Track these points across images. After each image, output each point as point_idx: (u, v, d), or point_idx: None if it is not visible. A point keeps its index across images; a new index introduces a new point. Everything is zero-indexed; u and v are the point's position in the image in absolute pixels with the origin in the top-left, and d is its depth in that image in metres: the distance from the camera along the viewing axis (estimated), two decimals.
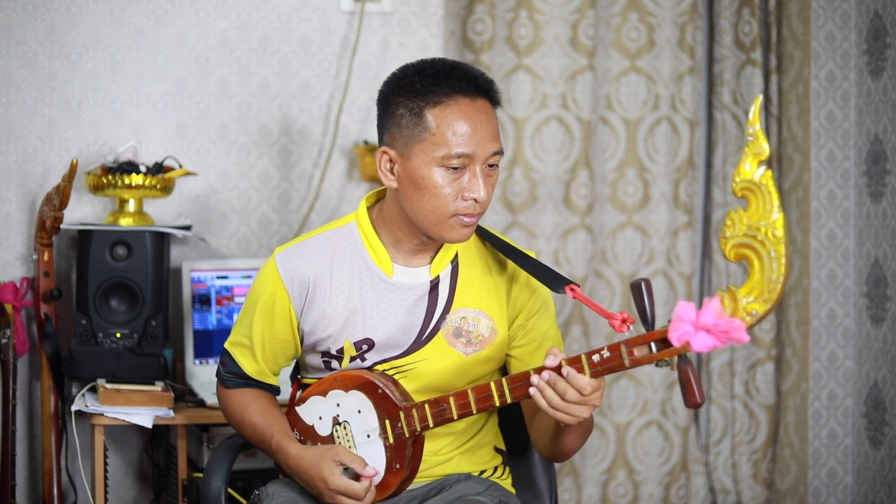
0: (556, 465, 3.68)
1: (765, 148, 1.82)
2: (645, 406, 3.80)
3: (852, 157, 3.66)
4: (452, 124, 2.10)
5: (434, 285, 2.24)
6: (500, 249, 2.28)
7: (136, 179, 3.17)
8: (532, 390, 2.01)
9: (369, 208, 2.29)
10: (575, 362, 1.98)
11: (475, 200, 2.12)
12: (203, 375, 3.18)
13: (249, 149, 3.50)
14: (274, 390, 2.39)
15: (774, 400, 3.81)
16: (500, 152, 2.15)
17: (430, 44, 3.62)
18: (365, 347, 2.23)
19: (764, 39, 3.77)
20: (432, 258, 2.25)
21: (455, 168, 2.11)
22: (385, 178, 2.18)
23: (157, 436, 3.33)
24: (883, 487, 3.51)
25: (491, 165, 2.15)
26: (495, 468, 2.36)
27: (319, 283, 2.24)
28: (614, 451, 3.80)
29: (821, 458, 3.68)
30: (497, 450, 2.39)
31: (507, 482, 2.38)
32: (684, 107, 3.75)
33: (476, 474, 2.33)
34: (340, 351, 2.24)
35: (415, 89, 2.13)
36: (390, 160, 2.17)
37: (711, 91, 3.83)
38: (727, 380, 3.83)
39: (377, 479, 2.20)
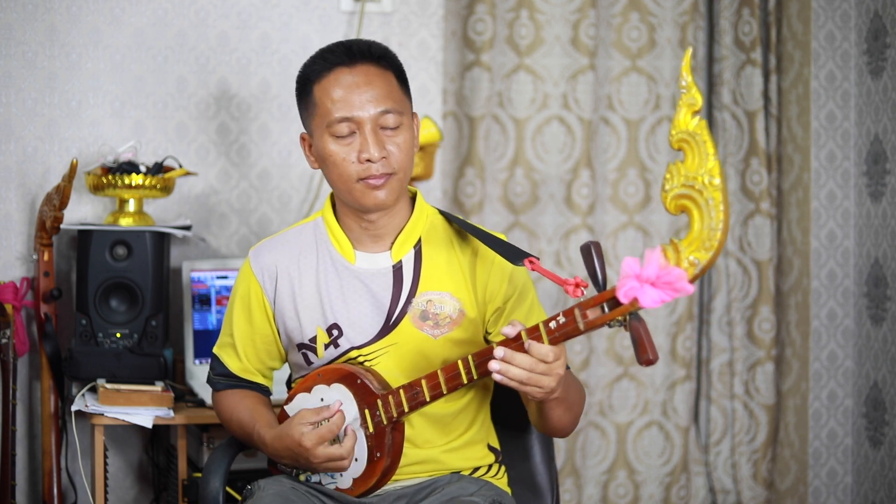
0: (558, 465, 3.68)
1: (697, 98, 1.83)
2: (646, 406, 3.80)
3: (852, 157, 3.66)
4: (330, 93, 2.21)
5: (397, 269, 2.27)
6: (464, 228, 2.31)
7: (136, 179, 3.17)
8: (497, 377, 2.02)
9: (335, 203, 2.35)
10: (533, 332, 2.01)
11: (370, 161, 2.18)
12: (203, 375, 3.18)
13: (249, 149, 3.50)
14: (264, 391, 2.42)
15: (774, 400, 3.81)
16: (390, 111, 2.21)
17: (430, 44, 3.62)
18: (336, 333, 2.26)
19: (764, 39, 3.77)
20: (392, 243, 2.29)
21: (344, 134, 2.20)
22: (308, 160, 2.30)
23: (157, 436, 3.33)
24: (883, 487, 3.50)
25: (388, 127, 2.21)
26: (489, 466, 2.36)
27: (287, 273, 2.31)
28: (615, 452, 3.80)
29: (821, 458, 3.68)
30: (491, 448, 2.38)
31: (502, 481, 2.37)
32: None
33: (468, 472, 2.33)
34: (313, 340, 2.29)
35: (304, 74, 2.27)
36: (309, 144, 2.29)
37: (711, 91, 3.83)
38: (727, 380, 3.83)
39: (360, 452, 2.22)
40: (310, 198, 3.54)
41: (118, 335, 3.12)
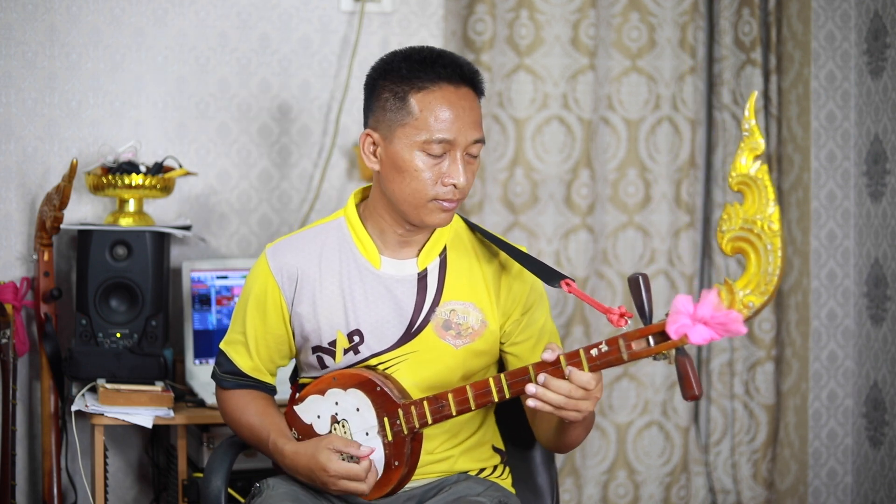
0: (558, 464, 3.68)
1: (760, 143, 1.84)
2: (646, 406, 3.80)
3: (852, 157, 3.66)
4: (435, 110, 2.14)
5: (422, 277, 2.25)
6: (492, 241, 2.29)
7: (136, 179, 3.17)
8: (532, 401, 2.01)
9: (358, 203, 2.32)
10: (573, 357, 1.99)
11: (454, 186, 2.15)
12: (203, 375, 3.18)
13: (249, 149, 3.50)
14: (270, 390, 2.40)
15: (774, 400, 3.81)
16: (480, 140, 2.19)
17: (430, 44, 3.60)
18: (357, 339, 2.24)
19: (764, 39, 3.77)
20: (419, 250, 2.27)
21: (438, 154, 2.14)
22: (368, 160, 2.22)
23: (157, 436, 3.33)
24: (883, 487, 3.50)
25: (472, 154, 2.18)
26: (494, 467, 2.36)
27: (308, 275, 2.27)
28: (615, 452, 3.80)
29: (821, 458, 3.68)
30: (496, 449, 2.38)
31: (506, 482, 2.37)
32: (685, 107, 3.75)
33: (475, 473, 2.33)
34: (332, 343, 2.26)
35: (400, 74, 2.17)
36: (373, 143, 2.21)
37: (711, 91, 3.83)
38: (727, 380, 3.83)
39: (376, 459, 2.20)
40: (310, 198, 3.54)
41: (118, 335, 3.12)
